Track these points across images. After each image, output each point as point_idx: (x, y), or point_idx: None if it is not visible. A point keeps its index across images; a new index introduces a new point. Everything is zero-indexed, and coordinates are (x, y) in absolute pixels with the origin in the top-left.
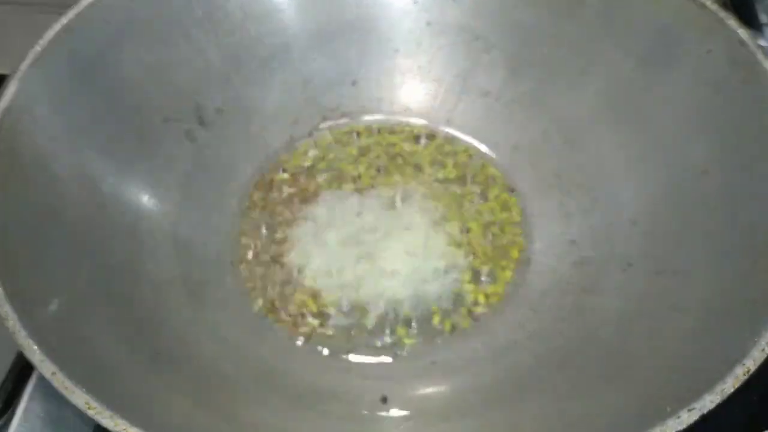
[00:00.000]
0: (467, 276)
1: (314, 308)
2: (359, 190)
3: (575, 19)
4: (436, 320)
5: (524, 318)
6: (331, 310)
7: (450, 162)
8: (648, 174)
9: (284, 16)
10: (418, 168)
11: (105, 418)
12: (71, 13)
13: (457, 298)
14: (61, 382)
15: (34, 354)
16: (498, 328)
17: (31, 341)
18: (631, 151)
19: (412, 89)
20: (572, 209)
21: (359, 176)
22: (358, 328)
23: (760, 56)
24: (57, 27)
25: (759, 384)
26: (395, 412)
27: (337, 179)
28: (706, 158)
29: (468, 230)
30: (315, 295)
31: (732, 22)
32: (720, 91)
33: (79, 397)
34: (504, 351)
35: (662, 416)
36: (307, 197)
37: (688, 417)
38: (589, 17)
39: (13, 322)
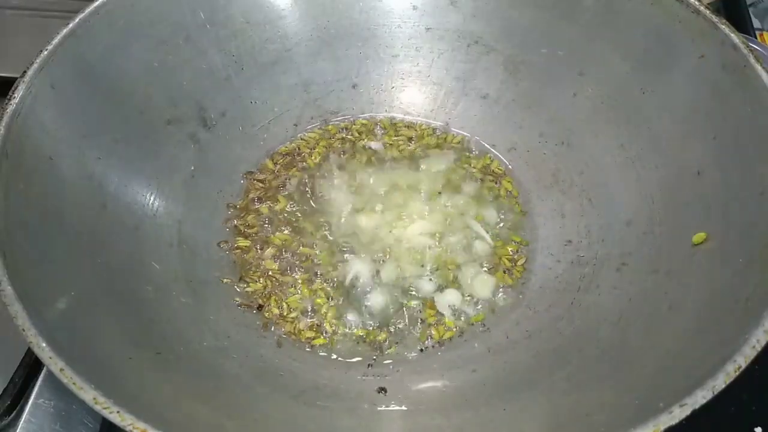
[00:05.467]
0: (465, 277)
1: (314, 307)
2: (360, 195)
3: (572, 22)
4: (433, 319)
5: (522, 317)
6: (331, 308)
7: (450, 165)
8: (643, 175)
9: (286, 22)
10: (417, 172)
11: (112, 414)
12: (76, 19)
13: (454, 298)
14: (69, 378)
15: (43, 351)
16: (496, 326)
17: (40, 339)
18: (627, 153)
19: (412, 92)
20: (568, 210)
21: (360, 182)
22: (358, 327)
23: (752, 60)
24: (63, 32)
25: (750, 381)
26: (394, 407)
27: (339, 183)
28: (700, 159)
29: (464, 234)
30: (315, 295)
31: (725, 27)
32: (713, 93)
33: (87, 393)
34: (502, 349)
35: (656, 412)
36: (306, 200)
37: (680, 412)
38: (586, 20)
39: (22, 320)
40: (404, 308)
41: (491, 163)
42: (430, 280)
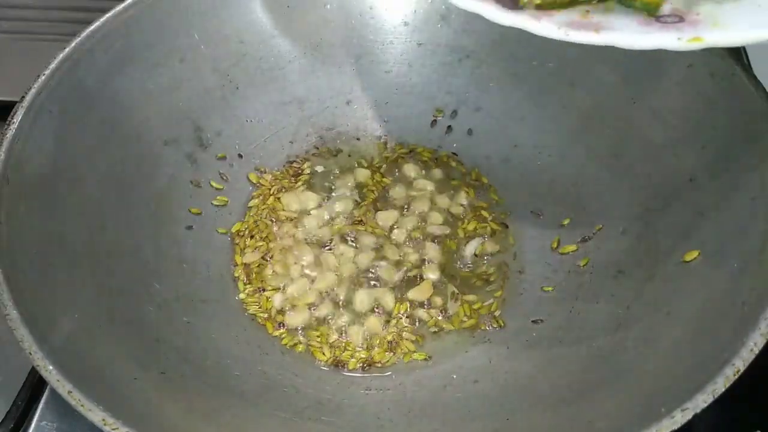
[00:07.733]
0: (463, 289)
1: (315, 324)
2: (356, 209)
3: None
4: (434, 331)
5: (521, 327)
6: (331, 326)
7: (444, 178)
8: (636, 183)
9: (279, 41)
10: (411, 186)
11: None
12: (73, 43)
13: (454, 310)
14: (77, 399)
15: (51, 374)
16: (496, 337)
17: (47, 362)
18: (620, 162)
19: (406, 107)
20: (563, 219)
21: (356, 198)
22: (358, 342)
23: (738, 69)
24: (60, 56)
25: (750, 384)
26: (399, 420)
27: (335, 201)
28: (692, 166)
29: (462, 244)
30: (316, 312)
31: None
32: (702, 101)
33: (96, 415)
34: (503, 360)
35: (657, 417)
36: (305, 219)
37: (681, 417)
38: None
39: (28, 344)
40: (404, 325)
41: (486, 176)
42: (431, 297)
